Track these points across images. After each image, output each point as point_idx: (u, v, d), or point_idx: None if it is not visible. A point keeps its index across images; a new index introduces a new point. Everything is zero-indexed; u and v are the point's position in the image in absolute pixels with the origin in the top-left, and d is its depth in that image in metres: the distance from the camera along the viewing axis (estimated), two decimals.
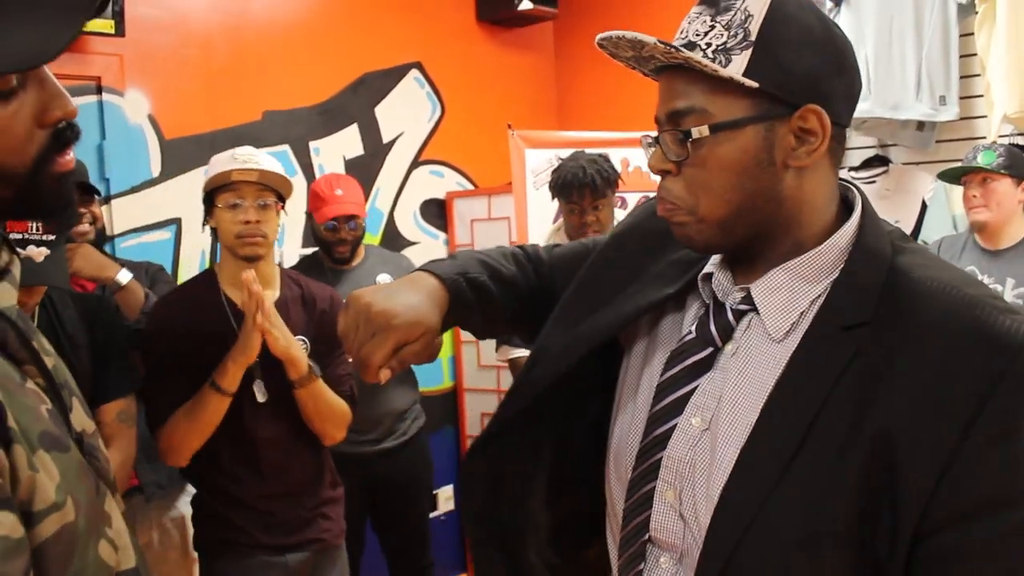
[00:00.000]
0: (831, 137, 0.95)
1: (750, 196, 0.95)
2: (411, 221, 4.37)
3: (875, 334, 0.90)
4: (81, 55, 3.13)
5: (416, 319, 1.07)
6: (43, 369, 0.91)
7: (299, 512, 2.31)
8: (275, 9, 3.79)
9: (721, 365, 1.01)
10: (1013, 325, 0.85)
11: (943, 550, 0.83)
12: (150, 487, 2.58)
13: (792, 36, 0.92)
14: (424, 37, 4.37)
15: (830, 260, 0.97)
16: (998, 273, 2.91)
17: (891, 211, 3.77)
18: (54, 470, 0.83)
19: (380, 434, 3.17)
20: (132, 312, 2.48)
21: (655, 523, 1.02)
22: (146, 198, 3.33)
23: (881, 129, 3.72)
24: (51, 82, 0.85)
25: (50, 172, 0.86)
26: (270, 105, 3.76)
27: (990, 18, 3.30)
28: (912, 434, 0.84)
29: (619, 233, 1.25)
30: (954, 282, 0.91)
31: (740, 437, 0.94)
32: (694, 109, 0.94)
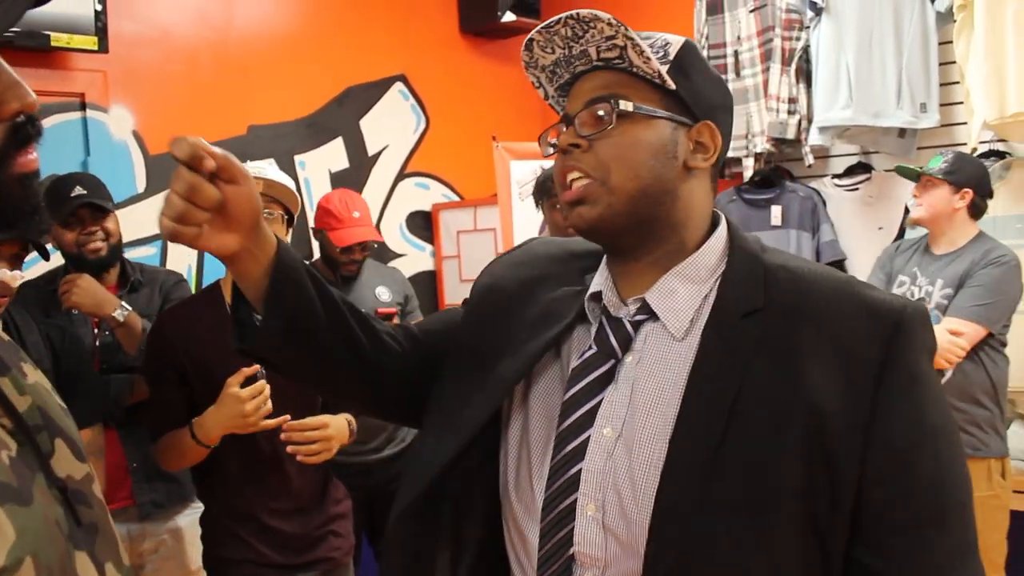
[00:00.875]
0: (712, 164, 1.08)
1: (656, 180, 1.03)
2: (397, 233, 4.37)
3: (771, 318, 1.00)
4: (64, 72, 3.12)
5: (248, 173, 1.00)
6: (9, 409, 0.79)
7: (309, 530, 2.27)
8: (259, 23, 3.80)
9: (624, 376, 1.05)
10: (883, 296, 1.00)
11: (884, 498, 0.93)
12: (146, 506, 2.57)
13: (700, 68, 1.08)
14: (408, 50, 4.38)
15: (712, 261, 1.07)
16: (933, 275, 3.03)
17: (874, 217, 3.80)
18: (8, 528, 0.70)
19: (381, 442, 3.17)
20: (130, 348, 2.45)
21: (579, 537, 1.02)
22: (131, 214, 3.32)
23: (863, 137, 3.75)
24: (6, 71, 0.76)
25: (10, 173, 0.76)
26: (255, 119, 3.76)
27: (968, 26, 3.33)
28: (834, 404, 0.93)
29: (483, 291, 1.25)
30: (820, 268, 1.06)
31: (663, 436, 0.98)
32: (616, 95, 1.03)
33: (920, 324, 0.98)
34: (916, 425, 0.94)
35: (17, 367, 0.85)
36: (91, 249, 2.49)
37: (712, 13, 4.05)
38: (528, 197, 3.82)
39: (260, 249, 1.04)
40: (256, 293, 1.06)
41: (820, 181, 3.97)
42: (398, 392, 1.22)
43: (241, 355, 1.11)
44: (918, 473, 0.94)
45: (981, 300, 2.85)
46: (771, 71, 3.84)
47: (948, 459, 0.96)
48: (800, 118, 3.80)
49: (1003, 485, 2.94)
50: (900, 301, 0.99)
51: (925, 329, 0.98)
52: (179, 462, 2.23)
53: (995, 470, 2.92)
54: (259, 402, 2.06)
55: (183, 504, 2.69)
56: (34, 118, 0.79)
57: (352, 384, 1.19)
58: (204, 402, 2.17)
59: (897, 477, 0.93)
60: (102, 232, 2.51)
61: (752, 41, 3.93)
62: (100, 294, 2.43)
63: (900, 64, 3.54)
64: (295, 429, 2.11)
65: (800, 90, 3.81)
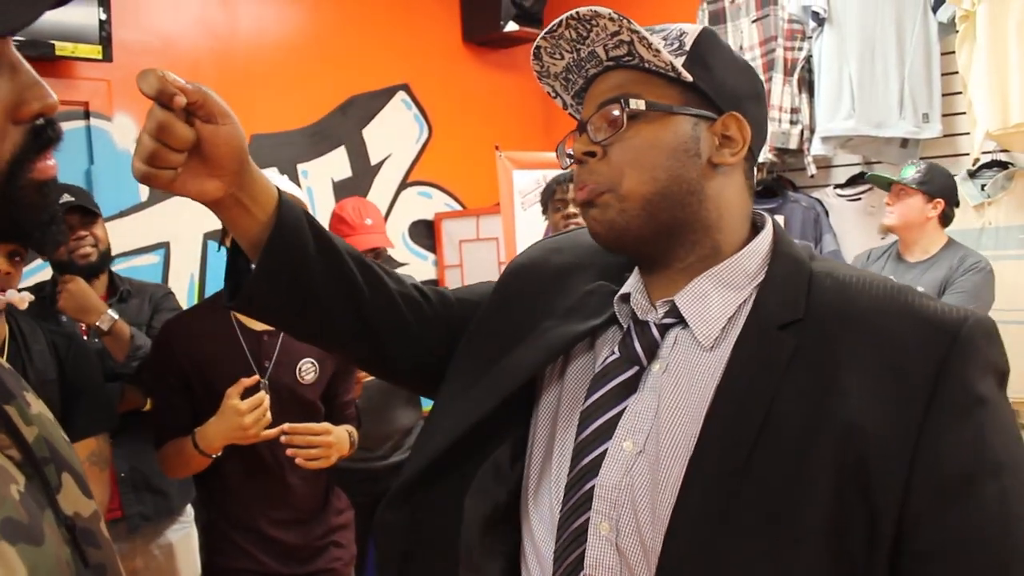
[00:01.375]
0: (746, 159, 0.99)
1: (676, 180, 0.95)
2: (400, 242, 4.38)
3: (810, 329, 0.89)
4: (68, 80, 3.13)
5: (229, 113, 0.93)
6: (18, 439, 0.73)
7: (310, 540, 2.27)
8: (262, 33, 3.81)
9: (650, 385, 0.96)
10: (943, 307, 0.88)
11: (932, 539, 0.81)
12: (135, 518, 2.55)
13: (720, 55, 0.99)
14: (411, 59, 4.39)
15: (753, 266, 0.97)
16: (910, 283, 3.00)
17: (876, 227, 3.80)
18: (19, 568, 0.64)
19: (388, 450, 3.17)
20: (119, 355, 2.44)
21: (590, 559, 0.93)
22: (135, 222, 3.32)
23: (866, 147, 3.76)
24: (26, 70, 0.71)
25: (28, 179, 0.71)
26: (258, 128, 3.76)
27: (971, 36, 3.34)
28: (875, 424, 0.82)
29: (515, 270, 1.19)
30: (873, 277, 0.94)
31: (685, 454, 0.89)
32: (628, 94, 0.96)
33: (984, 339, 0.85)
34: (974, 456, 0.81)
35: (20, 396, 0.80)
36: (81, 255, 2.49)
37: (715, 23, 4.06)
38: (531, 207, 3.83)
39: (253, 200, 0.98)
40: (251, 246, 1.01)
41: (822, 191, 3.98)
42: (409, 352, 1.15)
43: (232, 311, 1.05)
44: (975, 515, 0.80)
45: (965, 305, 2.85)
46: (774, 81, 3.84)
47: (1017, 501, 0.81)
48: (802, 128, 3.81)
49: None
50: (961, 312, 0.86)
51: (990, 344, 0.86)
52: (182, 470, 2.23)
53: None
54: (258, 414, 2.06)
55: (171, 518, 2.67)
56: (53, 121, 0.74)
57: (352, 343, 1.12)
58: (206, 410, 2.17)
59: (947, 516, 0.80)
60: (91, 238, 2.51)
61: (755, 51, 3.93)
62: (88, 300, 2.42)
63: (902, 74, 3.55)
64: (298, 432, 2.11)
65: (802, 100, 3.82)
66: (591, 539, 0.93)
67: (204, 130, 0.90)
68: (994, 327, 0.87)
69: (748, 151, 0.98)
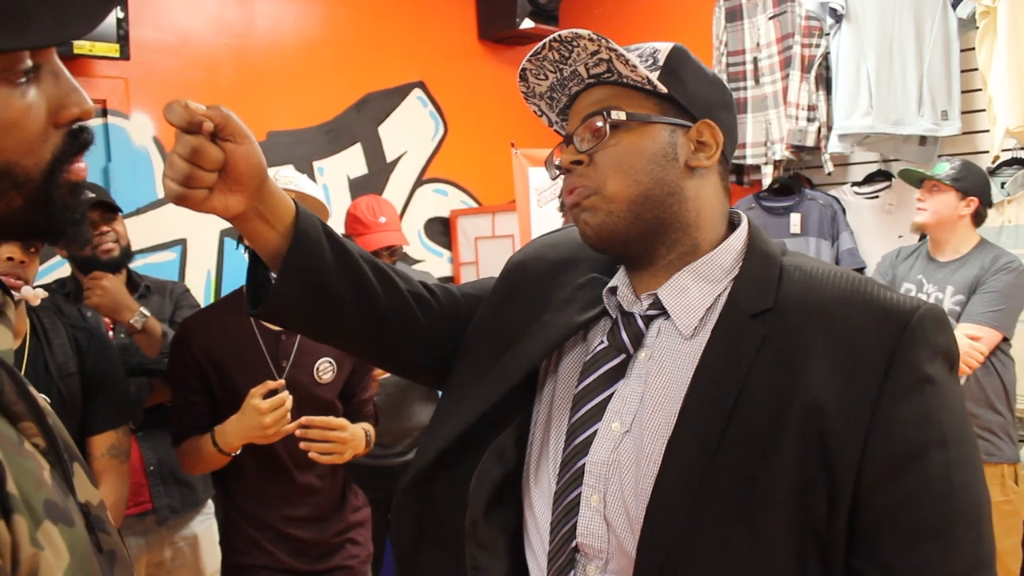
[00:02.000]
0: (719, 163, 1.08)
1: (657, 183, 1.04)
2: (416, 239, 4.38)
3: (780, 318, 0.98)
4: (86, 78, 3.15)
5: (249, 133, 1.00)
6: (44, 428, 0.76)
7: (327, 537, 2.28)
8: (279, 31, 3.82)
9: (636, 371, 1.06)
10: (898, 297, 0.97)
11: (884, 505, 0.90)
12: (163, 510, 2.58)
13: (691, 68, 1.08)
14: (427, 56, 4.39)
15: (729, 261, 1.06)
16: (941, 282, 3.02)
17: (894, 226, 3.77)
18: (62, 548, 0.68)
19: (406, 446, 3.18)
20: (151, 352, 2.46)
21: (581, 528, 1.03)
22: (152, 219, 3.34)
23: (883, 144, 3.73)
24: (66, 76, 0.76)
25: (63, 180, 0.76)
26: (274, 125, 3.78)
27: (991, 32, 3.31)
28: (835, 404, 0.91)
29: (514, 266, 1.27)
30: (838, 271, 1.03)
31: (665, 432, 0.99)
32: (610, 106, 1.05)
33: (933, 326, 0.94)
34: (922, 430, 0.91)
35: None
36: (104, 250, 2.50)
37: (731, 20, 4.04)
38: (547, 204, 3.83)
39: (272, 212, 1.04)
40: (271, 257, 1.07)
41: (840, 189, 3.95)
42: (421, 348, 1.22)
43: (255, 318, 1.12)
44: (921, 481, 0.90)
45: (996, 306, 2.86)
46: (791, 78, 3.82)
47: (960, 470, 0.91)
48: (820, 125, 3.78)
49: (1016, 491, 2.95)
50: (914, 302, 0.96)
51: (938, 331, 0.95)
52: (200, 467, 2.24)
53: (1008, 475, 2.93)
54: (279, 415, 2.07)
55: (196, 510, 2.70)
56: (87, 126, 0.79)
57: (368, 345, 1.20)
58: (225, 408, 2.19)
59: (897, 484, 0.90)
60: (113, 233, 2.53)
61: (771, 48, 3.91)
62: (121, 298, 2.44)
63: (921, 71, 3.52)
64: (315, 426, 2.12)
65: (820, 97, 3.79)
66: (582, 510, 1.03)
67: (227, 149, 0.97)
68: (944, 315, 0.97)
69: (721, 155, 1.08)
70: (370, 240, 3.11)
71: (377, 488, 2.97)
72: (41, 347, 2.07)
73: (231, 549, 2.27)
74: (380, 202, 3.27)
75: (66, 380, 2.07)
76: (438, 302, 1.23)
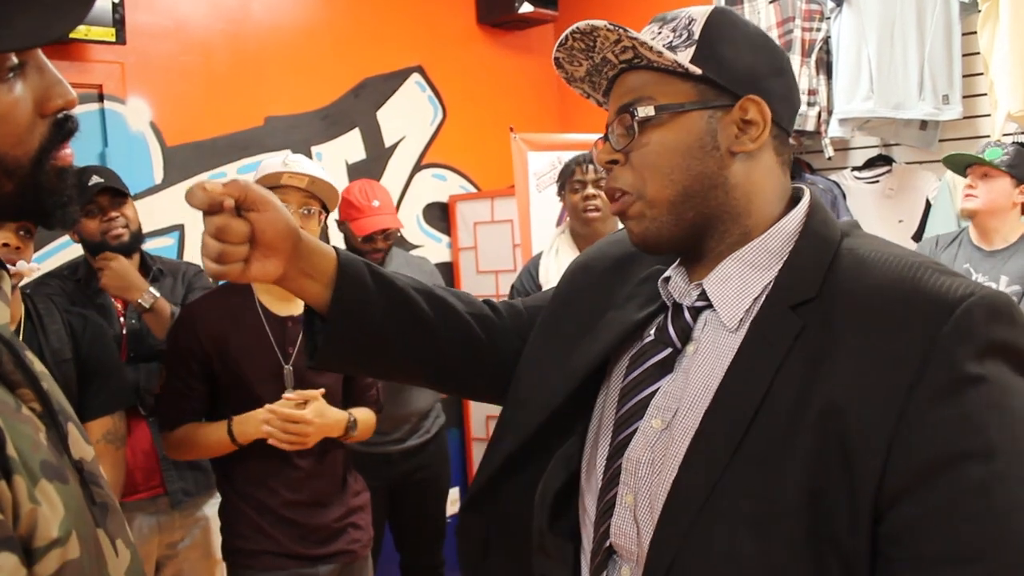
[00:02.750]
0: (774, 136, 1.00)
1: (696, 178, 0.97)
2: (415, 224, 4.37)
3: (821, 308, 0.90)
4: (82, 63, 3.13)
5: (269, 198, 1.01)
6: (40, 393, 0.84)
7: (328, 522, 2.28)
8: (276, 15, 3.79)
9: (683, 366, 1.00)
10: (951, 284, 0.84)
11: (906, 520, 0.79)
12: (177, 494, 2.59)
13: (732, 36, 0.99)
14: (425, 41, 4.37)
15: (777, 245, 0.98)
16: (992, 272, 2.93)
17: (895, 210, 3.76)
18: (58, 503, 0.76)
19: (405, 433, 3.18)
20: (159, 333, 2.48)
21: (615, 528, 0.99)
22: (149, 205, 3.33)
23: (884, 129, 3.71)
24: (50, 70, 0.82)
25: (51, 166, 0.83)
26: (272, 111, 3.76)
27: (993, 16, 3.29)
28: (860, 403, 0.82)
29: (575, 268, 1.26)
30: (898, 251, 0.92)
31: (694, 429, 0.94)
32: (641, 98, 0.99)
33: (985, 317, 0.81)
34: (958, 436, 0.78)
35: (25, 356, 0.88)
36: (114, 235, 2.51)
37: (732, 4, 4.01)
38: (546, 188, 3.82)
39: (314, 267, 1.06)
40: (320, 306, 1.08)
41: (840, 174, 3.94)
42: (487, 368, 1.22)
43: (313, 368, 1.14)
44: (952, 495, 0.78)
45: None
46: (791, 62, 3.79)
47: (1010, 488, 0.77)
48: (820, 110, 3.77)
49: None
50: (968, 289, 0.83)
51: (993, 322, 0.82)
52: (196, 454, 2.25)
53: None
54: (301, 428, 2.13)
55: (209, 493, 2.72)
56: (71, 115, 0.84)
57: (436, 376, 1.22)
58: (227, 392, 2.18)
59: (923, 496, 0.79)
60: (123, 218, 2.53)
61: (772, 32, 3.89)
62: (130, 277, 2.47)
63: (922, 55, 3.50)
64: (276, 415, 2.12)
65: (820, 82, 3.77)
66: (617, 509, 0.99)
67: (252, 219, 0.99)
68: (1008, 305, 0.83)
69: (775, 127, 0.99)
70: (364, 224, 3.10)
71: (375, 475, 2.98)
72: (36, 332, 2.07)
73: (232, 534, 2.27)
74: (373, 186, 3.26)
75: (61, 366, 2.07)
76: (501, 319, 1.24)
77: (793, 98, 1.04)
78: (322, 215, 2.26)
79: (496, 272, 4.32)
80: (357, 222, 3.11)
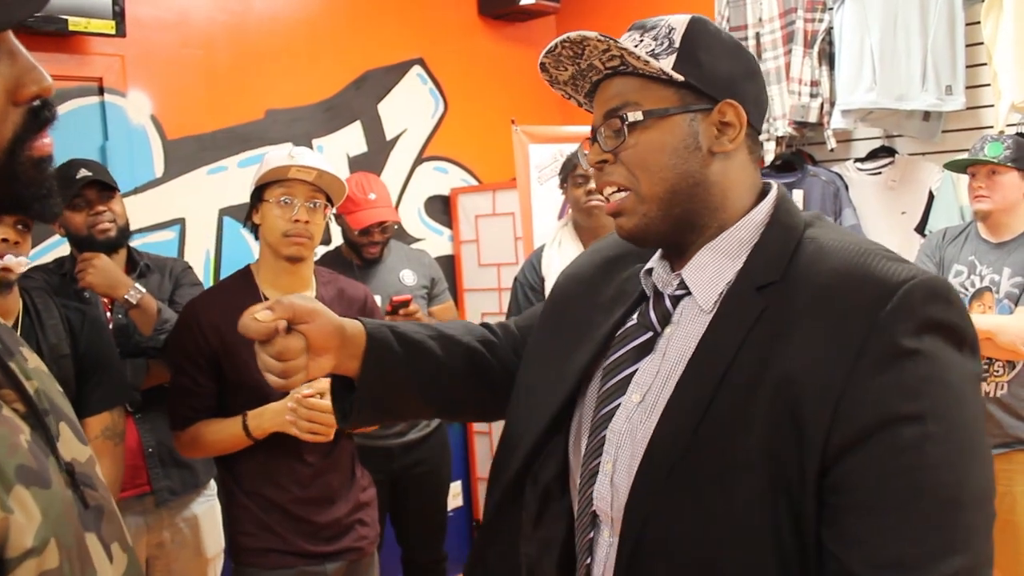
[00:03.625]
0: (747, 135, 1.08)
1: (682, 176, 1.06)
2: (416, 217, 4.36)
3: (783, 291, 0.99)
4: (82, 56, 3.12)
5: (314, 307, 1.12)
6: (22, 393, 0.81)
7: (338, 518, 2.26)
8: (276, 7, 3.78)
9: (661, 347, 1.09)
10: (896, 269, 0.94)
11: (845, 473, 0.89)
12: (163, 492, 2.57)
13: (709, 44, 1.08)
14: (426, 33, 4.35)
15: (747, 235, 1.07)
16: (996, 263, 2.91)
17: (898, 202, 3.75)
18: (34, 510, 0.72)
19: (405, 426, 3.18)
20: (146, 329, 2.45)
21: (596, 493, 1.08)
22: (150, 198, 3.32)
23: (887, 120, 3.70)
24: (23, 55, 0.78)
25: (27, 156, 0.78)
26: (273, 104, 3.75)
27: (997, 6, 3.27)
28: (810, 374, 0.91)
29: (562, 279, 1.34)
30: (855, 240, 1.02)
31: (666, 399, 1.03)
32: (628, 103, 1.07)
33: (923, 297, 0.91)
34: (896, 400, 0.88)
35: (18, 352, 0.87)
36: (100, 230, 2.48)
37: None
38: (547, 181, 3.80)
39: (353, 347, 1.16)
40: (350, 374, 1.19)
41: (842, 165, 3.93)
42: (500, 390, 1.30)
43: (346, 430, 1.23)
44: (887, 451, 0.87)
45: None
46: (793, 53, 3.79)
47: (940, 447, 0.87)
48: (822, 101, 3.75)
49: None
50: (910, 273, 0.93)
51: (930, 303, 0.91)
52: (210, 451, 2.21)
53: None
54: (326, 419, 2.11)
55: (196, 491, 2.70)
56: (50, 102, 0.80)
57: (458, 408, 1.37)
58: (234, 388, 2.17)
59: (862, 451, 0.88)
60: (110, 213, 2.51)
61: (774, 23, 3.88)
62: (115, 275, 2.44)
63: (925, 46, 3.48)
64: (304, 405, 2.10)
65: (823, 73, 3.76)
66: (599, 476, 1.09)
67: (304, 330, 1.10)
68: (944, 289, 0.93)
69: (748, 127, 1.08)
70: (360, 217, 3.09)
71: (376, 469, 2.97)
72: (34, 328, 2.06)
73: (239, 532, 2.23)
74: (370, 179, 3.25)
75: (59, 362, 2.06)
76: (499, 339, 1.36)
77: (763, 100, 1.13)
78: (327, 208, 2.25)
79: (498, 265, 4.31)
80: (353, 215, 3.11)
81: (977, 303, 2.92)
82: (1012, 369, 2.83)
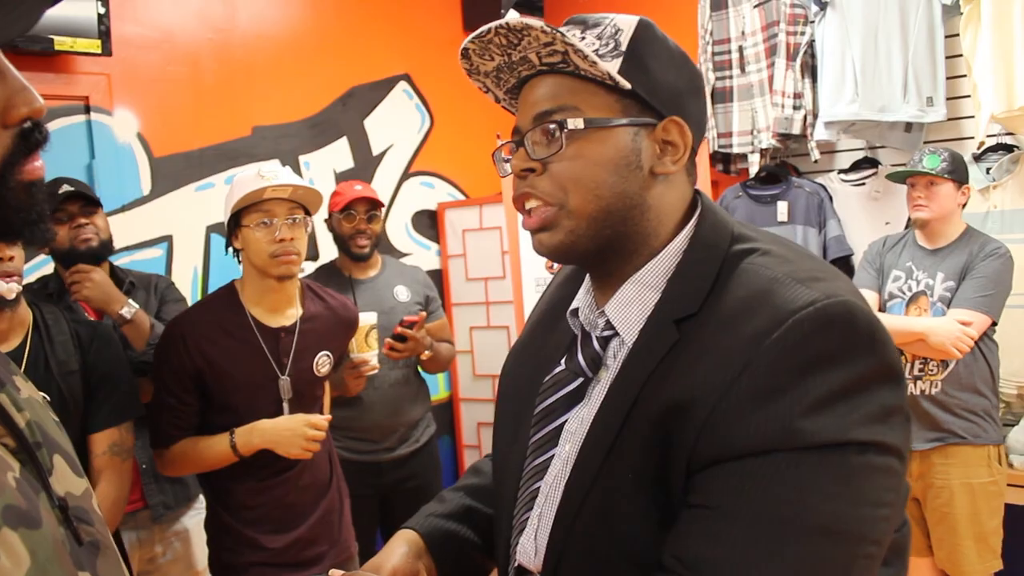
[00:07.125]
0: (688, 157, 0.99)
1: (619, 196, 0.95)
2: (403, 232, 4.37)
3: (699, 321, 0.91)
4: (68, 75, 3.12)
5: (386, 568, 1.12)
6: (12, 428, 0.76)
7: (316, 527, 2.28)
8: (262, 24, 3.79)
9: (595, 393, 1.00)
10: (801, 294, 0.85)
11: (695, 483, 0.85)
12: (158, 507, 2.58)
13: (657, 51, 0.97)
14: (411, 49, 4.37)
15: (669, 263, 0.98)
16: (931, 268, 3.03)
17: (881, 212, 3.79)
18: (22, 552, 0.67)
19: (394, 442, 3.17)
20: (139, 344, 2.45)
21: (521, 547, 1.03)
22: (137, 216, 3.32)
23: (869, 131, 3.74)
24: (13, 75, 0.74)
25: (18, 181, 0.74)
26: (259, 120, 3.75)
27: (975, 19, 3.32)
28: (692, 399, 0.85)
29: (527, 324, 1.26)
30: (777, 259, 0.92)
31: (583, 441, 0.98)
32: (565, 107, 0.95)
33: (812, 329, 0.83)
34: (752, 439, 0.82)
35: (10, 381, 0.82)
36: (83, 239, 2.46)
37: (716, 8, 4.04)
38: None
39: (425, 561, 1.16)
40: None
41: (826, 176, 3.96)
42: None
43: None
44: (735, 487, 0.82)
45: (985, 291, 2.89)
46: (776, 66, 3.82)
47: (787, 483, 0.80)
48: (805, 113, 3.79)
49: (1001, 472, 3.01)
50: (807, 299, 0.84)
51: (817, 336, 0.83)
52: (194, 468, 2.22)
53: (993, 456, 2.98)
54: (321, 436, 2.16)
55: (188, 505, 2.70)
56: (41, 124, 0.76)
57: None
58: (218, 405, 2.17)
59: (713, 484, 0.84)
60: (92, 226, 2.50)
61: (757, 36, 3.91)
62: (111, 290, 2.44)
63: (906, 58, 3.52)
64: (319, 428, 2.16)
65: (805, 85, 3.80)
66: (526, 530, 1.02)
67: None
68: (843, 315, 0.84)
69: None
70: (343, 198, 3.12)
71: (366, 483, 2.98)
72: (42, 344, 2.06)
73: (220, 547, 2.26)
74: (355, 181, 3.30)
75: (67, 378, 2.06)
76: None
77: (704, 120, 1.04)
78: (307, 220, 2.25)
79: (485, 279, 4.33)
80: (336, 201, 3.14)
81: (913, 306, 3.05)
82: (945, 368, 2.96)
